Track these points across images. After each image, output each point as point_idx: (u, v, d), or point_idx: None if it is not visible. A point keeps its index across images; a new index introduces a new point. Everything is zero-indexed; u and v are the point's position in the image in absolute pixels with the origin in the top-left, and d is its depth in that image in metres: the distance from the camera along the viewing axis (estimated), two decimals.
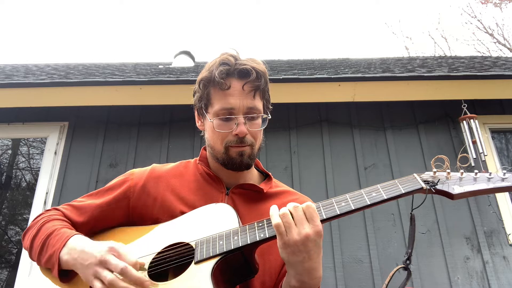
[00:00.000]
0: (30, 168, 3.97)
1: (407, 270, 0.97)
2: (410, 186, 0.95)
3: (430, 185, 0.95)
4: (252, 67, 1.13)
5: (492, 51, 15.03)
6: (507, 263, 3.04)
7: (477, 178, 0.95)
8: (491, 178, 0.93)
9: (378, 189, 0.97)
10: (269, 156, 3.46)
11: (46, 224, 1.12)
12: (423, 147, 3.49)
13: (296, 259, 0.92)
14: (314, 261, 0.93)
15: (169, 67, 5.20)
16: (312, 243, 0.91)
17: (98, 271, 0.94)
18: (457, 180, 0.95)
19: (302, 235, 0.90)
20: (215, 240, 0.99)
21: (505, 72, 3.58)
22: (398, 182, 0.97)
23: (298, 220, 0.91)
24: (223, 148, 1.14)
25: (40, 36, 32.26)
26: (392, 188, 0.96)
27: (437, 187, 0.95)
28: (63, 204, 1.22)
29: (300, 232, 0.90)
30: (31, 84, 3.48)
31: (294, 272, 0.95)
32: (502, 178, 0.93)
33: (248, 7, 33.04)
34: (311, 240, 0.90)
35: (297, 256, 0.91)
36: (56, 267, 1.02)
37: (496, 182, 0.93)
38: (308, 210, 0.92)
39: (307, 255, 0.91)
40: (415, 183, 0.96)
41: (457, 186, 0.94)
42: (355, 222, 3.19)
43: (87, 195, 1.24)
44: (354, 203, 0.95)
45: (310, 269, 0.93)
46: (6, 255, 3.67)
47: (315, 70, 4.31)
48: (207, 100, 1.17)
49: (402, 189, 0.95)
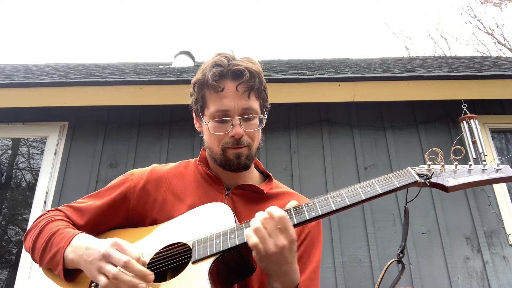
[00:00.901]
0: (30, 168, 3.97)
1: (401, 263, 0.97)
2: (404, 180, 0.95)
3: (425, 178, 0.94)
4: (246, 67, 1.12)
5: (492, 51, 15.04)
6: (507, 263, 3.04)
7: (471, 170, 0.94)
8: (486, 170, 0.93)
9: (373, 183, 0.96)
10: (269, 156, 3.46)
11: (49, 224, 1.11)
12: (423, 147, 3.49)
13: (273, 266, 0.94)
14: (290, 263, 0.95)
15: (169, 67, 5.20)
16: (287, 251, 0.93)
17: (101, 266, 0.94)
18: (451, 173, 0.95)
19: (279, 247, 0.91)
20: (211, 239, 0.99)
21: (505, 72, 3.58)
22: (393, 176, 0.97)
23: (272, 232, 0.92)
24: (220, 150, 1.14)
25: (40, 36, 32.27)
26: (387, 182, 0.96)
27: (431, 180, 0.94)
28: (63, 205, 1.21)
29: (277, 244, 0.91)
30: (31, 84, 3.48)
31: (274, 277, 0.96)
32: (496, 169, 0.92)
33: (248, 7, 33.04)
34: (287, 249, 0.92)
35: (274, 265, 0.93)
36: (60, 265, 1.02)
37: (491, 174, 0.92)
38: (281, 222, 0.92)
39: (284, 261, 0.93)
40: (410, 176, 0.95)
41: (452, 178, 0.93)
42: (355, 222, 3.19)
43: (87, 196, 1.24)
44: (349, 199, 0.95)
45: (287, 270, 0.95)
46: (6, 255, 3.67)
47: (315, 70, 4.31)
48: (202, 102, 1.17)
49: (396, 183, 0.95)
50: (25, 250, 1.17)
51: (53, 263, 1.04)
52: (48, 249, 1.06)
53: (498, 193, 3.31)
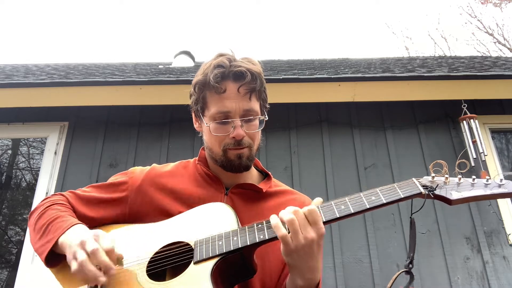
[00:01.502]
0: (30, 168, 3.97)
1: (410, 274, 0.98)
2: (409, 191, 0.96)
3: (429, 190, 0.96)
4: (247, 69, 1.13)
5: (492, 51, 15.04)
6: (507, 263, 3.04)
7: (475, 184, 0.95)
8: (488, 184, 0.94)
9: (377, 193, 0.97)
10: (269, 156, 3.46)
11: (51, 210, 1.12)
12: (423, 147, 3.49)
13: (301, 261, 0.94)
14: (316, 259, 0.95)
15: (169, 67, 5.20)
16: (316, 245, 0.93)
17: (76, 251, 0.94)
18: (454, 186, 0.96)
19: (309, 240, 0.91)
20: (214, 240, 0.99)
21: (505, 72, 3.58)
22: (397, 187, 0.97)
23: (302, 225, 0.92)
24: (221, 151, 1.15)
25: (40, 36, 32.27)
26: (391, 192, 0.97)
27: (435, 192, 0.95)
28: (68, 191, 1.23)
29: (306, 237, 0.91)
30: (31, 84, 3.48)
31: (299, 272, 0.96)
32: (499, 185, 0.93)
33: (248, 7, 33.05)
34: (316, 242, 0.92)
35: (301, 259, 0.93)
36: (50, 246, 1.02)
37: (493, 189, 0.93)
38: (311, 215, 0.93)
39: (311, 256, 0.93)
40: (414, 187, 0.96)
41: (455, 191, 0.94)
42: (355, 222, 3.19)
43: (90, 185, 1.25)
44: (353, 207, 0.96)
45: (313, 266, 0.96)
46: (6, 255, 3.67)
47: (315, 70, 4.31)
48: (203, 103, 1.17)
49: (401, 194, 0.96)
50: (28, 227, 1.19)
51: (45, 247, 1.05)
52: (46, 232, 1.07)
53: None
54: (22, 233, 3.64)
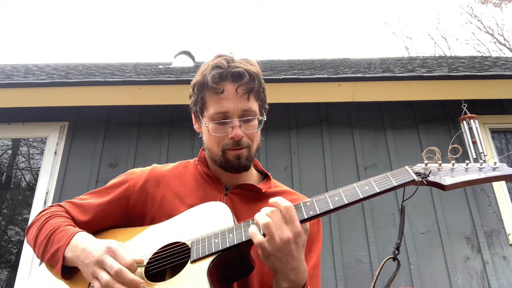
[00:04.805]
0: (30, 168, 3.97)
1: (396, 260, 0.97)
2: (402, 179, 0.95)
3: (422, 176, 0.95)
4: (245, 70, 1.13)
5: (492, 51, 15.05)
6: (507, 263, 3.04)
7: (469, 169, 0.94)
8: (483, 168, 0.93)
9: (371, 182, 0.97)
10: (269, 156, 3.46)
11: (50, 221, 1.12)
12: (423, 147, 3.49)
13: (280, 263, 0.93)
14: (298, 260, 0.94)
15: (169, 67, 5.20)
16: (293, 245, 0.91)
17: (96, 271, 0.95)
18: (448, 171, 0.95)
19: (284, 240, 0.90)
20: (210, 239, 1.00)
21: (505, 72, 3.58)
22: (390, 175, 0.97)
23: (278, 226, 0.91)
24: (220, 151, 1.15)
25: (40, 36, 32.27)
26: (385, 181, 0.96)
27: (428, 178, 0.94)
28: (65, 201, 1.23)
29: (282, 237, 0.90)
30: (31, 84, 3.48)
31: (281, 275, 0.95)
32: (493, 168, 0.92)
33: (248, 7, 33.04)
34: (292, 242, 0.91)
35: (281, 261, 0.92)
36: (60, 263, 1.03)
37: (488, 172, 0.92)
38: (287, 212, 0.92)
39: (290, 257, 0.92)
40: (407, 175, 0.96)
41: (449, 177, 0.94)
42: (355, 222, 3.19)
43: (88, 193, 1.25)
44: (347, 197, 0.95)
45: (295, 267, 0.94)
46: (6, 255, 3.66)
47: (315, 70, 4.31)
48: (202, 104, 1.17)
49: (394, 182, 0.95)
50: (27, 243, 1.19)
51: (53, 261, 1.06)
52: (49, 246, 1.07)
53: (498, 193, 3.31)
54: (22, 233, 3.64)
